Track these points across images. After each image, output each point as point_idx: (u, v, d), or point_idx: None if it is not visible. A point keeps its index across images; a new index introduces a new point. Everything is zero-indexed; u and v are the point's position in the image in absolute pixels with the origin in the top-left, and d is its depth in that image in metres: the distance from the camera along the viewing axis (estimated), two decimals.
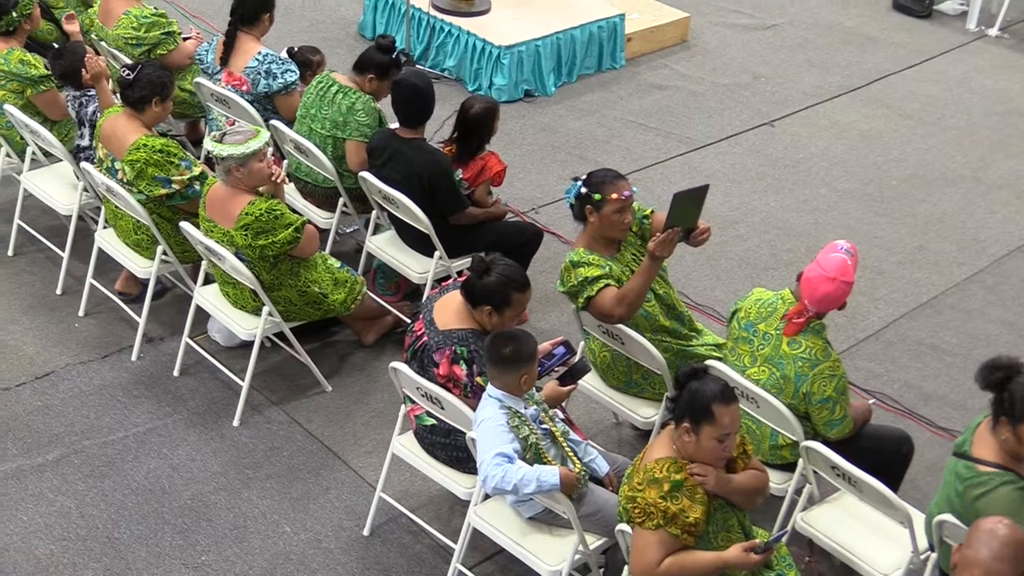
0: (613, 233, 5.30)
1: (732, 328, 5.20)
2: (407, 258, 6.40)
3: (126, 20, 7.12)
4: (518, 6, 9.41)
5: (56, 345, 6.33)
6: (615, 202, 5.21)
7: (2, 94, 6.63)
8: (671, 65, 9.64)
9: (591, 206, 5.24)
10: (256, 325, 5.84)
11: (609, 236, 5.30)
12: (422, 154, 6.22)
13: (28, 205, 6.96)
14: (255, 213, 5.59)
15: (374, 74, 6.51)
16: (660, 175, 8.15)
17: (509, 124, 8.27)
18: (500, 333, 4.67)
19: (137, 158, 5.93)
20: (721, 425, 4.14)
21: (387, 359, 5.97)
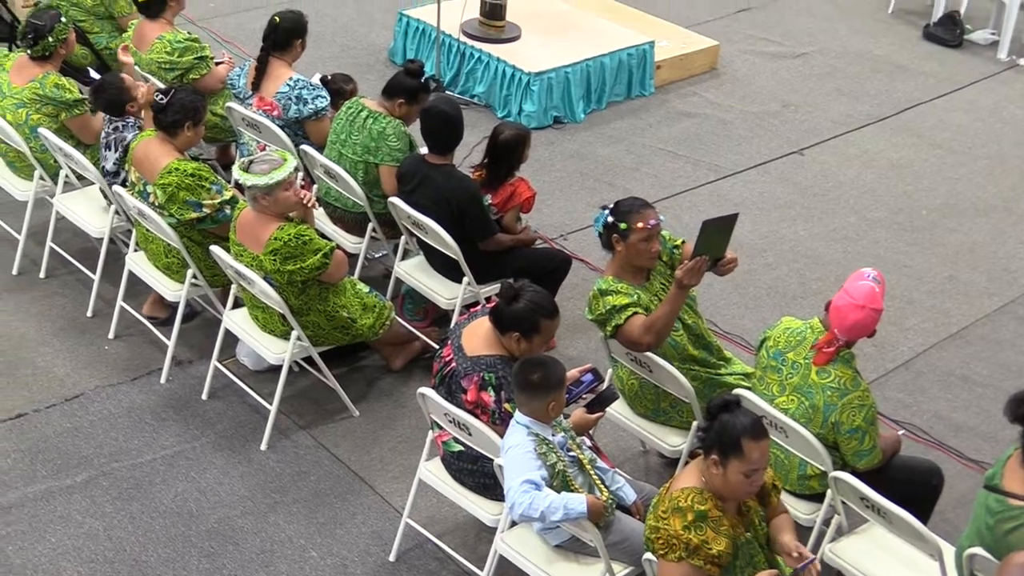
0: (640, 262, 5.30)
1: (761, 357, 5.19)
2: (435, 284, 6.42)
3: (160, 45, 7.18)
4: (548, 33, 9.45)
5: (86, 367, 6.37)
6: (641, 231, 5.21)
7: (37, 117, 6.69)
8: (700, 93, 9.65)
9: (617, 235, 5.24)
10: (285, 349, 5.86)
11: (636, 265, 5.30)
12: (451, 180, 6.24)
13: (60, 228, 7.01)
14: (284, 238, 5.61)
15: (404, 99, 6.54)
16: (689, 203, 8.15)
17: (538, 151, 8.29)
18: (529, 359, 4.67)
19: (169, 182, 5.97)
20: (749, 460, 4.11)
21: (415, 385, 5.98)
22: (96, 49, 7.91)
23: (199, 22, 9.87)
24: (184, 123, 6.12)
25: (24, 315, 6.70)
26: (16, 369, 6.31)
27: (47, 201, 6.96)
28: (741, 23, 10.83)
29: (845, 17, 11.22)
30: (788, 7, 11.32)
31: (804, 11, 11.28)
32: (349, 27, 10.27)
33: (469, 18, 9.33)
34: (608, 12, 10.12)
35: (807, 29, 10.88)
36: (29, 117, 6.71)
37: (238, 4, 10.51)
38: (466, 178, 6.35)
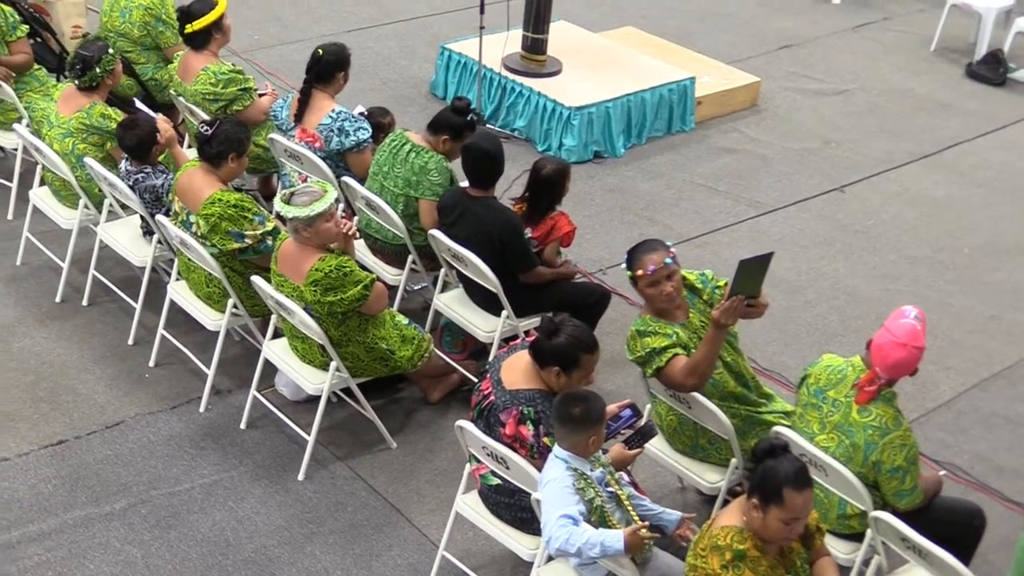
0: (657, 304, 5.26)
1: (801, 394, 5.17)
2: (475, 316, 6.43)
3: (204, 76, 7.26)
4: (589, 68, 9.49)
5: (127, 395, 6.42)
6: (642, 278, 5.18)
7: (83, 147, 6.77)
8: (741, 129, 9.66)
9: (632, 280, 5.25)
10: (323, 380, 5.88)
11: (661, 306, 5.26)
12: (492, 212, 6.27)
13: (103, 256, 7.07)
14: (325, 269, 5.64)
15: (448, 135, 6.58)
16: (728, 239, 8.15)
17: (578, 185, 8.31)
18: (570, 393, 4.67)
19: (212, 212, 6.02)
20: (790, 509, 4.09)
21: (453, 417, 5.99)
22: (142, 80, 8.00)
23: (243, 54, 9.97)
24: (228, 154, 6.18)
25: (67, 342, 6.76)
26: (58, 395, 6.37)
27: (91, 229, 7.03)
28: (782, 60, 10.85)
29: (887, 54, 11.21)
30: (830, 44, 11.33)
31: (846, 48, 11.28)
32: (391, 60, 10.35)
33: (510, 52, 9.38)
34: (649, 48, 10.16)
35: (849, 66, 10.87)
36: (75, 147, 6.79)
37: (281, 36, 10.62)
38: (507, 210, 6.37)
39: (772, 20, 11.76)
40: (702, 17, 11.54)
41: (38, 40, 8.40)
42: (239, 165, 6.29)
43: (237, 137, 6.21)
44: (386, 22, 11.09)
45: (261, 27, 10.77)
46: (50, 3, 8.90)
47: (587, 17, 11.05)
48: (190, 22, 7.30)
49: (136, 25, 7.88)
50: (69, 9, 8.96)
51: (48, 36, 8.54)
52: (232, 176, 6.31)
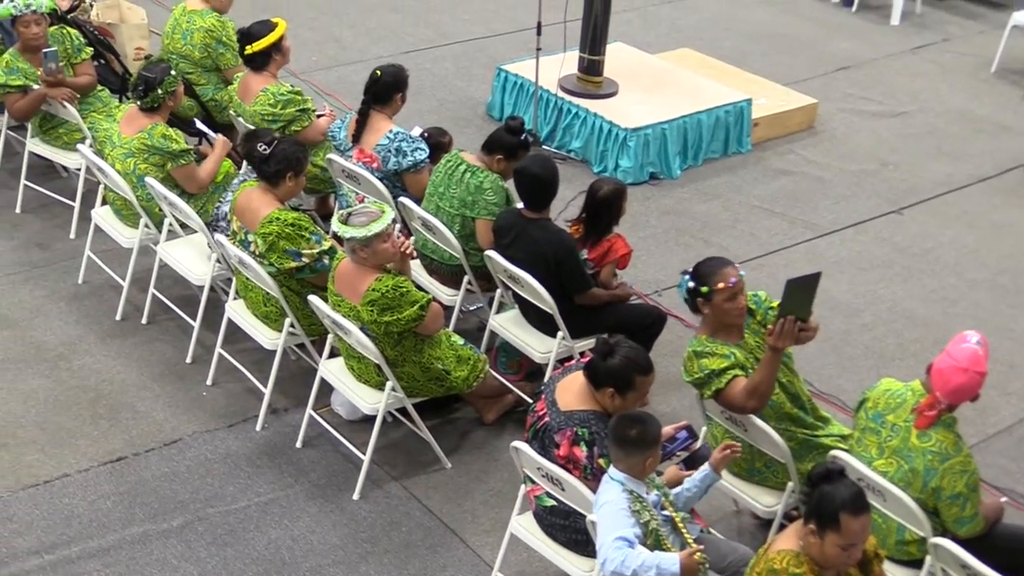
0: (729, 320, 5.26)
1: (859, 418, 5.12)
2: (530, 337, 6.43)
3: (263, 97, 7.32)
4: (645, 89, 9.47)
5: (184, 413, 6.46)
6: (723, 291, 5.17)
7: (144, 167, 6.84)
8: (798, 151, 9.60)
9: (702, 299, 5.22)
10: (379, 400, 5.89)
11: (726, 323, 5.26)
12: (548, 233, 6.26)
13: (163, 275, 7.14)
14: (381, 289, 5.66)
15: (503, 155, 6.59)
16: (784, 261, 8.09)
17: (634, 206, 8.27)
18: (626, 415, 4.65)
19: (270, 231, 6.06)
20: (847, 534, 4.04)
21: (508, 438, 5.98)
22: (202, 100, 8.08)
23: (302, 75, 10.05)
24: (286, 173, 6.22)
25: (126, 360, 6.82)
26: (117, 412, 6.43)
27: (151, 249, 7.10)
28: (840, 81, 10.78)
29: (946, 76, 11.11)
30: (888, 66, 11.24)
31: (904, 70, 11.19)
32: (448, 81, 10.39)
33: (567, 73, 9.38)
34: (706, 69, 10.13)
35: (907, 88, 10.79)
36: (137, 166, 6.86)
37: (340, 58, 10.70)
38: (563, 232, 6.37)
39: (830, 42, 11.70)
40: (759, 38, 11.51)
41: (102, 62, 8.53)
42: (296, 184, 6.34)
43: (295, 156, 6.26)
44: (443, 43, 11.14)
45: (320, 48, 10.85)
46: (114, 25, 9.04)
47: (643, 39, 11.05)
48: (250, 43, 7.37)
49: (197, 47, 7.97)
50: (133, 31, 9.10)
51: (112, 58, 8.67)
52: (290, 195, 6.36)
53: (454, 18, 11.75)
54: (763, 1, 12.65)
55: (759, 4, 12.56)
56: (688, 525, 4.74)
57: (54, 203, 8.12)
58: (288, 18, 7.76)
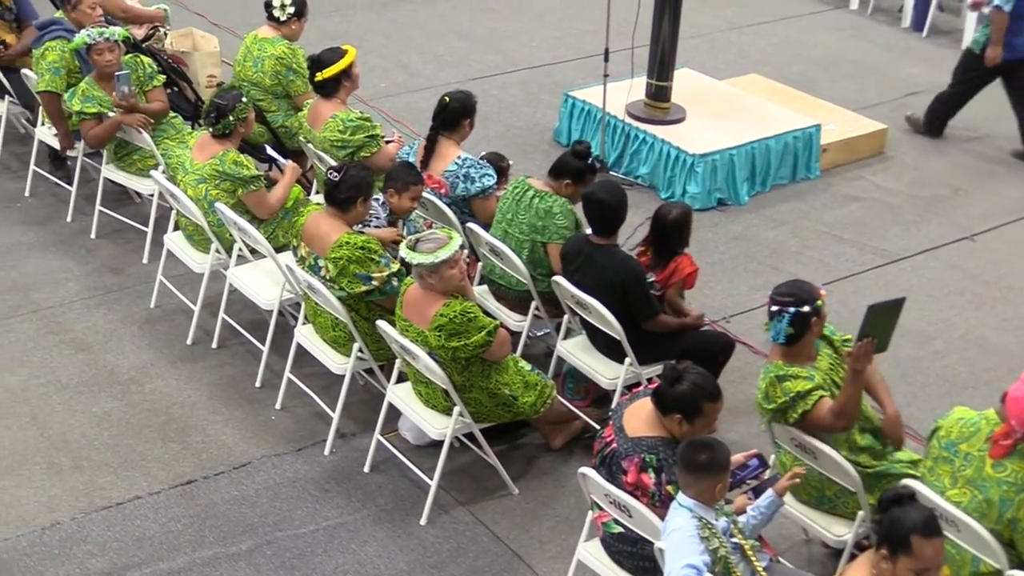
0: (813, 336, 5.26)
1: (932, 447, 5.05)
2: (597, 363, 6.41)
3: (333, 123, 7.38)
4: (713, 115, 9.45)
5: (254, 436, 6.51)
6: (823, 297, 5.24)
7: (215, 193, 6.92)
8: (867, 177, 9.52)
9: (816, 316, 5.20)
10: (447, 425, 5.91)
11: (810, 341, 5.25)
12: (614, 260, 6.26)
13: (232, 300, 7.21)
14: (449, 315, 5.68)
15: (570, 179, 6.60)
16: (854, 288, 8.01)
17: (701, 232, 8.26)
18: (696, 440, 4.63)
19: (340, 255, 6.10)
20: (919, 558, 3.99)
21: (575, 464, 5.97)
22: (272, 127, 8.17)
23: (370, 101, 10.13)
24: (356, 199, 6.28)
25: (197, 383, 6.89)
26: (188, 436, 6.49)
27: (221, 273, 7.17)
28: (910, 106, 10.66)
29: None
30: None
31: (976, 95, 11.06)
32: (515, 107, 10.43)
33: (634, 99, 9.39)
34: (774, 95, 10.09)
35: (979, 113, 10.64)
36: (208, 192, 6.94)
37: (408, 84, 10.78)
38: (630, 258, 6.36)
39: (899, 66, 11.61)
40: (827, 64, 11.45)
41: (175, 89, 8.66)
42: (365, 208, 6.39)
43: (365, 182, 6.32)
44: (510, 70, 11.19)
45: (388, 75, 10.94)
46: (188, 54, 9.18)
47: (711, 64, 11.03)
48: (320, 70, 7.43)
49: (268, 74, 8.06)
50: (205, 59, 9.22)
51: (185, 85, 8.80)
52: (358, 219, 6.41)
53: (521, 44, 11.80)
54: (831, 26, 12.58)
55: (827, 30, 12.50)
56: (757, 554, 4.70)
57: (128, 228, 8.24)
58: (357, 45, 7.82)
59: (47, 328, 7.33)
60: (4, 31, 8.71)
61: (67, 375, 6.93)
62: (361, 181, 6.31)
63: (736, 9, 12.97)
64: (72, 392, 6.80)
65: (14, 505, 6.01)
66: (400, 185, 6.62)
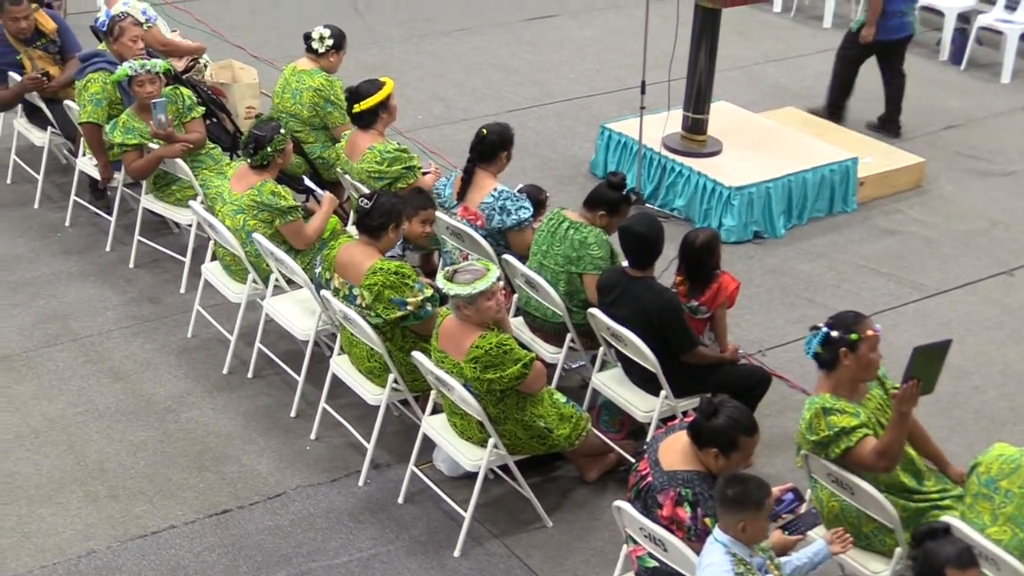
0: (867, 374, 5.22)
1: (971, 483, 4.99)
2: (632, 396, 6.39)
3: (370, 155, 7.42)
4: (750, 148, 9.44)
5: (289, 466, 6.52)
6: (871, 339, 5.15)
7: (253, 223, 6.96)
8: (904, 210, 9.47)
9: (847, 348, 5.15)
10: (481, 456, 5.89)
11: (861, 378, 5.21)
12: (651, 292, 6.24)
13: (269, 330, 7.23)
14: (485, 347, 5.67)
15: (605, 211, 6.60)
16: (892, 322, 7.94)
17: (737, 265, 8.24)
18: (732, 475, 4.59)
19: (375, 281, 6.12)
20: None
21: (609, 497, 5.94)
22: (310, 158, 8.22)
23: (407, 133, 10.18)
24: (388, 225, 6.31)
25: (232, 413, 6.91)
26: (223, 465, 6.51)
27: (258, 303, 7.20)
28: (948, 140, 10.63)
29: None
30: (997, 124, 11.07)
31: (1015, 129, 11.01)
32: (551, 139, 10.45)
33: (671, 132, 9.38)
34: (811, 127, 10.07)
35: (1018, 147, 10.60)
36: (246, 223, 6.98)
37: (445, 116, 10.82)
38: (666, 290, 6.34)
39: (937, 99, 11.56)
40: (864, 97, 11.38)
41: (214, 120, 8.72)
42: (396, 235, 6.43)
43: (396, 209, 6.36)
44: (547, 102, 11.22)
45: (425, 107, 10.99)
46: (227, 85, 9.26)
47: (748, 97, 11.02)
48: (358, 102, 7.48)
49: (306, 106, 8.12)
50: (244, 91, 9.30)
51: (223, 116, 8.87)
52: (390, 247, 6.43)
53: (558, 76, 11.82)
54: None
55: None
56: None
57: (165, 258, 8.30)
58: (395, 77, 7.87)
59: (85, 357, 7.37)
60: (48, 63, 8.80)
61: (104, 404, 6.97)
62: (392, 208, 6.34)
63: (772, 42, 12.96)
64: (109, 421, 6.83)
65: (51, 533, 6.03)
66: (410, 210, 6.64)
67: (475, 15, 13.48)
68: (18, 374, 7.21)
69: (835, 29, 13.28)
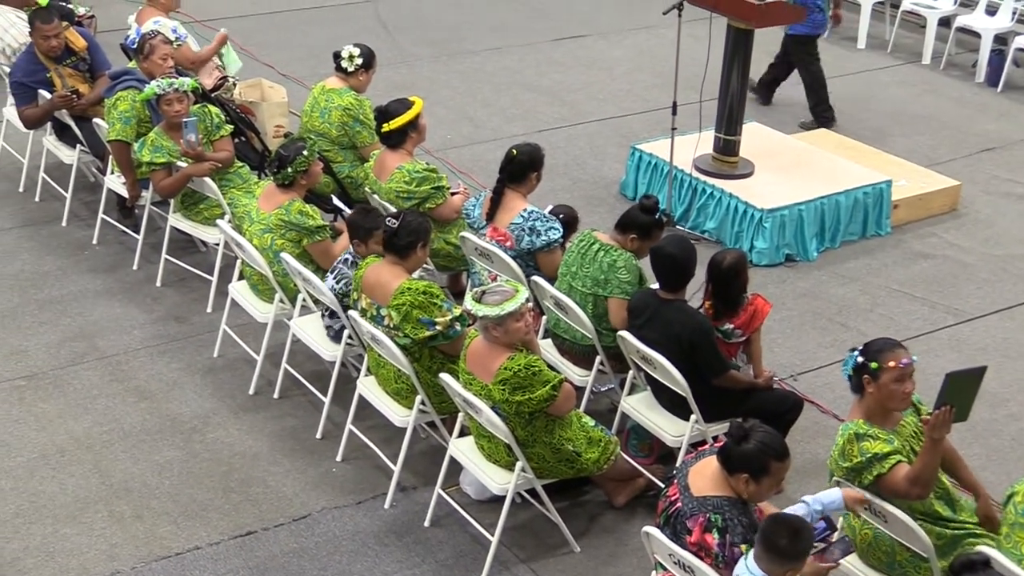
0: (893, 404, 5.18)
1: (1008, 513, 4.95)
2: (662, 420, 6.38)
3: (399, 175, 7.44)
4: (782, 170, 9.42)
5: (314, 488, 6.53)
6: (892, 370, 5.10)
7: (281, 243, 6.99)
8: (940, 234, 9.43)
9: (868, 375, 5.14)
10: (509, 480, 5.89)
11: (889, 407, 5.18)
12: (682, 315, 6.23)
13: (295, 350, 7.25)
14: (514, 368, 5.67)
15: (637, 234, 6.60)
16: (926, 347, 7.90)
17: (769, 288, 8.22)
18: (786, 519, 4.54)
19: (403, 301, 6.13)
20: None
21: (638, 523, 5.92)
22: (338, 177, 8.25)
23: (436, 152, 10.21)
24: (416, 244, 6.33)
25: (258, 434, 6.93)
26: (248, 487, 6.52)
27: (285, 324, 7.22)
28: (984, 163, 10.59)
29: None
30: None
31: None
32: (581, 160, 10.46)
33: (702, 153, 9.38)
34: (844, 150, 10.05)
35: None
36: (273, 242, 7.01)
37: (474, 136, 10.85)
38: (697, 313, 6.33)
39: (973, 122, 11.51)
40: (899, 119, 11.38)
41: (242, 139, 8.78)
42: (424, 254, 6.46)
43: (423, 227, 6.40)
44: (577, 122, 11.23)
45: (454, 127, 11.02)
46: (256, 104, 9.31)
47: (780, 119, 11.01)
48: (387, 121, 7.51)
49: (335, 125, 8.16)
50: (273, 110, 9.35)
51: (252, 135, 8.93)
52: (417, 266, 6.45)
53: (588, 97, 11.84)
54: (904, 81, 12.52)
55: (899, 84, 12.44)
56: None
57: (193, 277, 8.34)
58: (424, 96, 7.90)
59: (111, 376, 7.41)
60: (78, 81, 8.88)
61: (130, 423, 7.00)
62: (419, 227, 6.37)
63: None
64: (135, 440, 6.86)
65: (75, 553, 6.06)
66: (362, 234, 6.64)
67: (504, 34, 13.52)
68: (44, 392, 7.26)
69: (869, 50, 13.29)
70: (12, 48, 9.45)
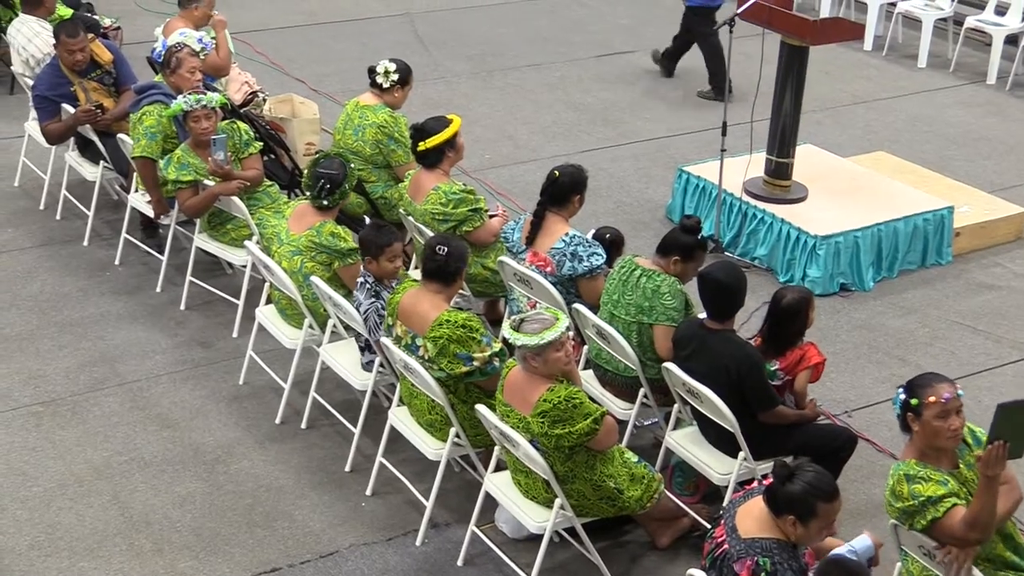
0: (939, 441, 5.14)
1: None
2: (708, 457, 6.36)
3: (435, 196, 7.47)
4: (837, 194, 9.41)
5: (342, 524, 6.54)
6: (934, 406, 5.08)
7: (311, 265, 7.03)
8: (1004, 263, 9.39)
9: (911, 412, 5.13)
10: (547, 518, 5.88)
11: (936, 445, 5.14)
12: (730, 346, 6.22)
13: (324, 378, 7.28)
14: (554, 400, 5.68)
15: (679, 256, 6.59)
16: (988, 383, 7.87)
17: (823, 319, 8.19)
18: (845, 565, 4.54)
19: (440, 334, 6.14)
20: None
21: (682, 565, 5.91)
22: (371, 198, 8.29)
23: (474, 173, 10.25)
24: (462, 270, 6.36)
25: (284, 466, 6.96)
26: (274, 521, 6.54)
27: (314, 350, 7.25)
28: None
29: None
30: None
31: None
32: (626, 182, 10.48)
33: (753, 176, 9.38)
34: (903, 174, 10.02)
35: None
36: (303, 265, 7.05)
37: (514, 156, 10.89)
38: (747, 344, 6.32)
39: None
40: (962, 142, 11.35)
41: (272, 157, 8.83)
42: (462, 280, 6.48)
43: (465, 250, 6.46)
44: (622, 143, 11.26)
45: (493, 146, 11.06)
46: (286, 120, 9.38)
47: (835, 141, 11.00)
48: (423, 139, 7.55)
49: (368, 143, 8.21)
50: (304, 126, 9.42)
51: (282, 152, 8.98)
52: (456, 292, 6.46)
53: (635, 116, 11.87)
54: (967, 102, 12.48)
55: (961, 105, 12.40)
56: None
57: (218, 300, 8.39)
58: (462, 114, 7.93)
59: (132, 402, 7.47)
60: (102, 95, 8.97)
61: (151, 453, 7.04)
62: (464, 250, 6.42)
63: (863, 83, 12.93)
64: (155, 470, 6.90)
65: None
66: (374, 251, 6.67)
67: (546, 50, 13.58)
68: (63, 419, 7.31)
69: (930, 69, 13.26)
70: (36, 59, 9.55)
